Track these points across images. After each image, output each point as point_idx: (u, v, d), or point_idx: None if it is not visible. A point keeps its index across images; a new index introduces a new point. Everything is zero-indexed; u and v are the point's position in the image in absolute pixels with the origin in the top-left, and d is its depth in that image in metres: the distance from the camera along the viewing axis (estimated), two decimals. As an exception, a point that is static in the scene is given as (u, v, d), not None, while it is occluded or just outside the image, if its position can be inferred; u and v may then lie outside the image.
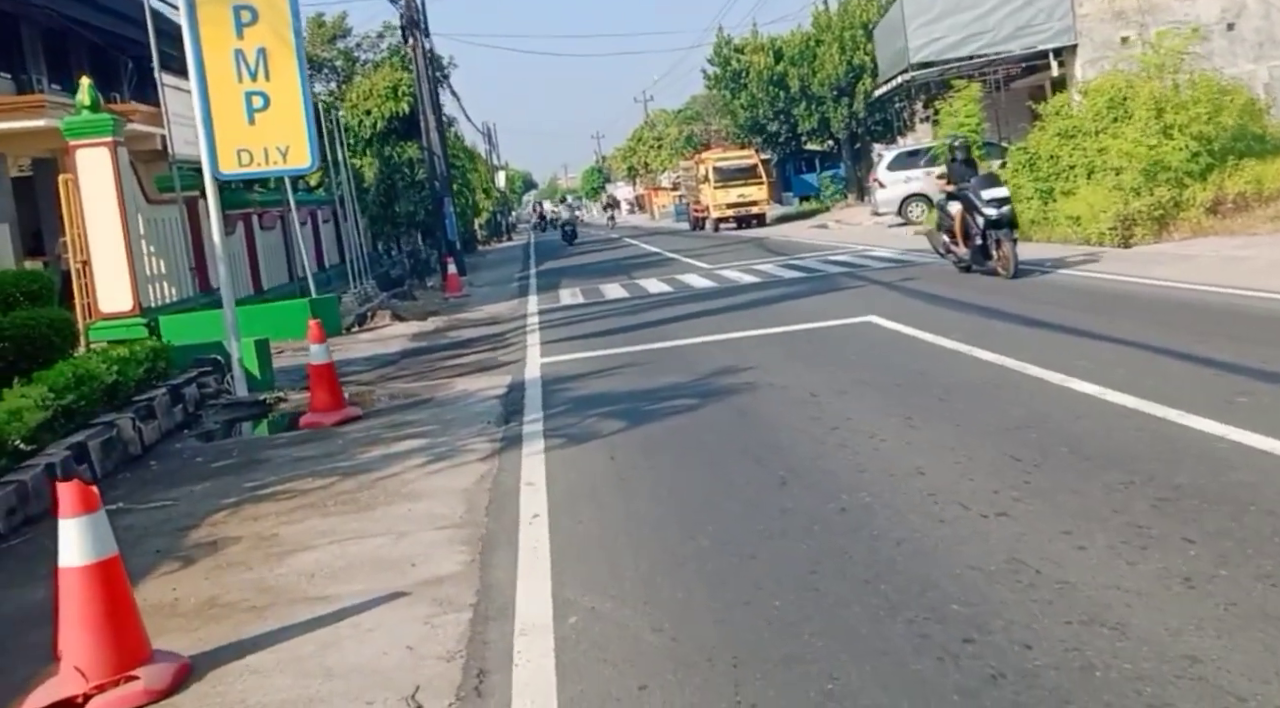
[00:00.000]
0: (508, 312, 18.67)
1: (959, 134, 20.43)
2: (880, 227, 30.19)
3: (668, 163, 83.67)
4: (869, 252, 21.46)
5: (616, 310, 16.43)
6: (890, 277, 16.31)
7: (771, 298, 15.35)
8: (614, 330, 13.88)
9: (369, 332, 17.55)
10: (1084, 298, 11.92)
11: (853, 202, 42.35)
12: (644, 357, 11.20)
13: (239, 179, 16.30)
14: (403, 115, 26.13)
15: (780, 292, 16.06)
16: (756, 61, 40.79)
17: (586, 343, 12.97)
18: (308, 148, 11.18)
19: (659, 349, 11.61)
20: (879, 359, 9.48)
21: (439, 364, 12.98)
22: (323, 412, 9.73)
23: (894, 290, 14.56)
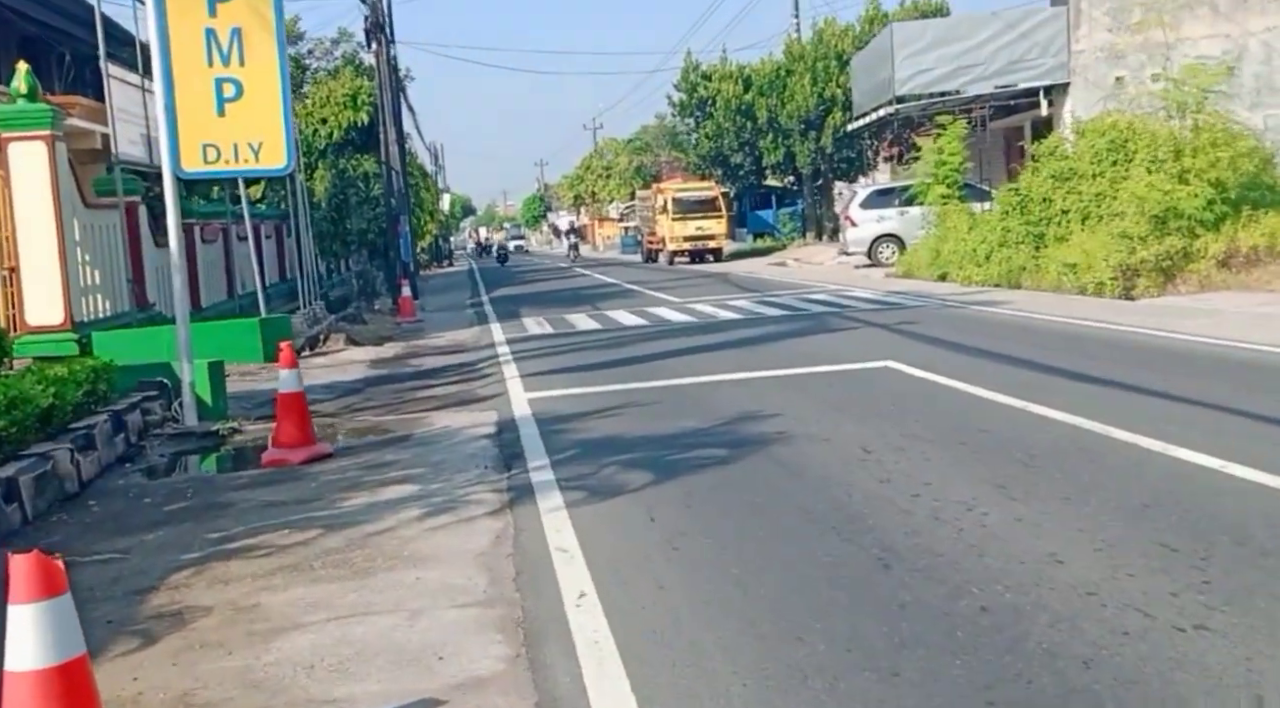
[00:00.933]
0: (471, 339, 17.57)
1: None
2: (845, 267, 29.56)
3: (616, 193, 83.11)
4: (847, 292, 20.71)
5: (594, 343, 15.42)
6: (883, 319, 15.51)
7: (764, 336, 14.45)
8: (600, 365, 12.87)
9: (322, 356, 16.35)
10: (1119, 352, 11.17)
11: (810, 240, 41.82)
12: (644, 396, 10.21)
13: (204, 178, 15.09)
14: (361, 126, 24.97)
15: (771, 330, 15.17)
16: (725, 89, 40.14)
17: (573, 377, 11.96)
18: (284, 146, 10.07)
19: (660, 388, 10.63)
20: (921, 410, 8.57)
21: (409, 395, 11.87)
22: (289, 447, 8.60)
23: (895, 333, 13.76)
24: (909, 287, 21.07)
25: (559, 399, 10.47)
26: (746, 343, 13.86)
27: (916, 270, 23.21)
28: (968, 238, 21.04)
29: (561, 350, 14.81)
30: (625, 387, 10.87)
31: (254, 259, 16.95)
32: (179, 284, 10.36)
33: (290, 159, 10.24)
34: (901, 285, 21.55)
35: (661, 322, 17.78)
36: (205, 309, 20.93)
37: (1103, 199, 17.77)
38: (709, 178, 43.26)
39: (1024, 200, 19.01)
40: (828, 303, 18.70)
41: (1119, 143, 18.02)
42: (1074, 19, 23.41)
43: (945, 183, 23.59)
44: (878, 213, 27.34)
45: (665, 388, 10.60)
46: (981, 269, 19.63)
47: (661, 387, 10.70)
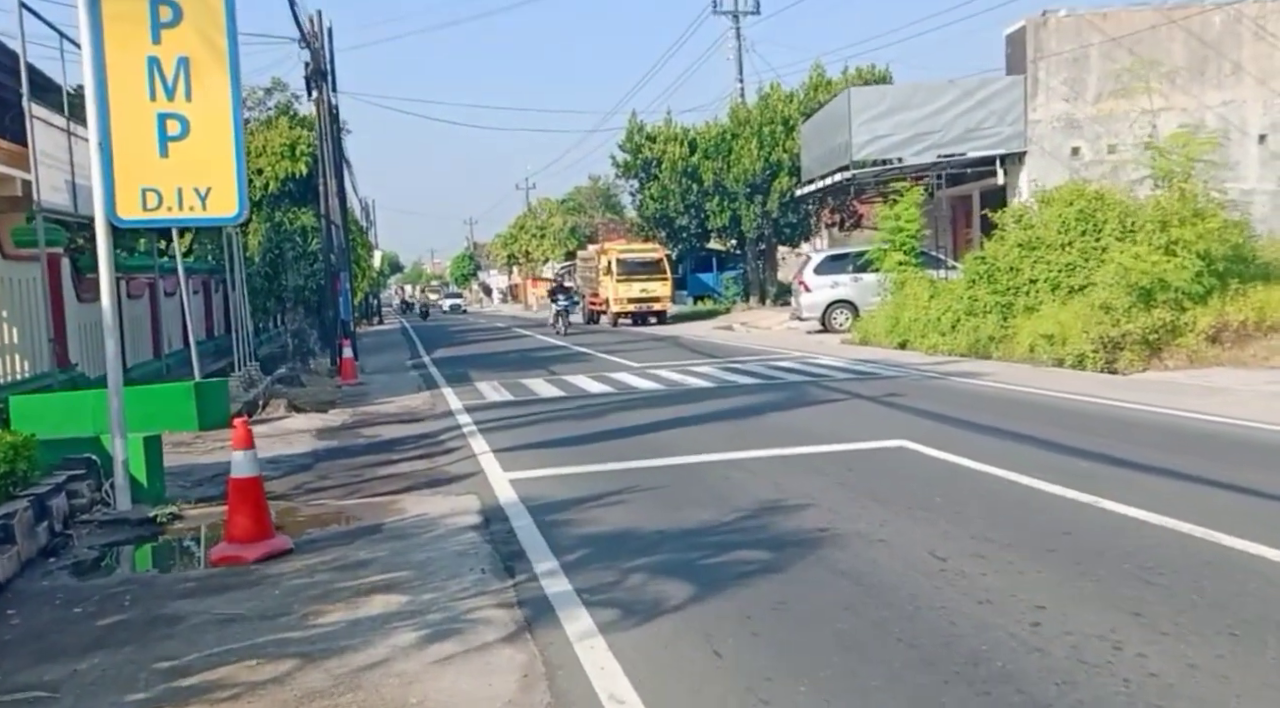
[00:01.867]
0: (424, 406, 16.27)
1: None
2: (797, 333, 28.80)
3: (551, 253, 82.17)
4: (812, 359, 19.81)
5: (565, 413, 14.24)
6: (865, 390, 14.59)
7: (748, 408, 13.39)
8: (580, 439, 11.69)
9: (263, 424, 14.92)
10: (1144, 432, 10.30)
11: (754, 304, 41.13)
12: (643, 477, 9.07)
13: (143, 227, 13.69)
14: (300, 177, 23.68)
15: (752, 401, 14.12)
16: (670, 151, 39.48)
17: (554, 454, 10.78)
18: (236, 192, 8.82)
19: (657, 468, 9.49)
20: (970, 502, 7.54)
21: (369, 473, 10.57)
22: (243, 542, 7.30)
23: (887, 407, 12.82)
24: (871, 354, 20.24)
25: (546, 481, 9.28)
26: (732, 415, 12.79)
27: (874, 338, 22.46)
28: (929, 306, 20.34)
29: (530, 421, 13.61)
30: (617, 466, 9.72)
31: (186, 316, 15.50)
32: (112, 348, 9.04)
33: (242, 207, 8.97)
34: (862, 353, 20.73)
35: (628, 389, 16.67)
36: (130, 370, 19.41)
37: (1074, 269, 17.14)
38: (652, 239, 42.48)
39: (991, 269, 18.33)
40: (798, 370, 17.76)
41: (1087, 212, 17.44)
42: (1031, 89, 23.11)
43: (903, 250, 22.98)
44: (831, 278, 26.64)
45: (663, 468, 9.47)
46: (946, 338, 18.89)
47: (658, 467, 9.56)
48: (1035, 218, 18.36)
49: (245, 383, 18.84)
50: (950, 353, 18.50)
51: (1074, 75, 22.73)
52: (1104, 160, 19.41)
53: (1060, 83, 22.79)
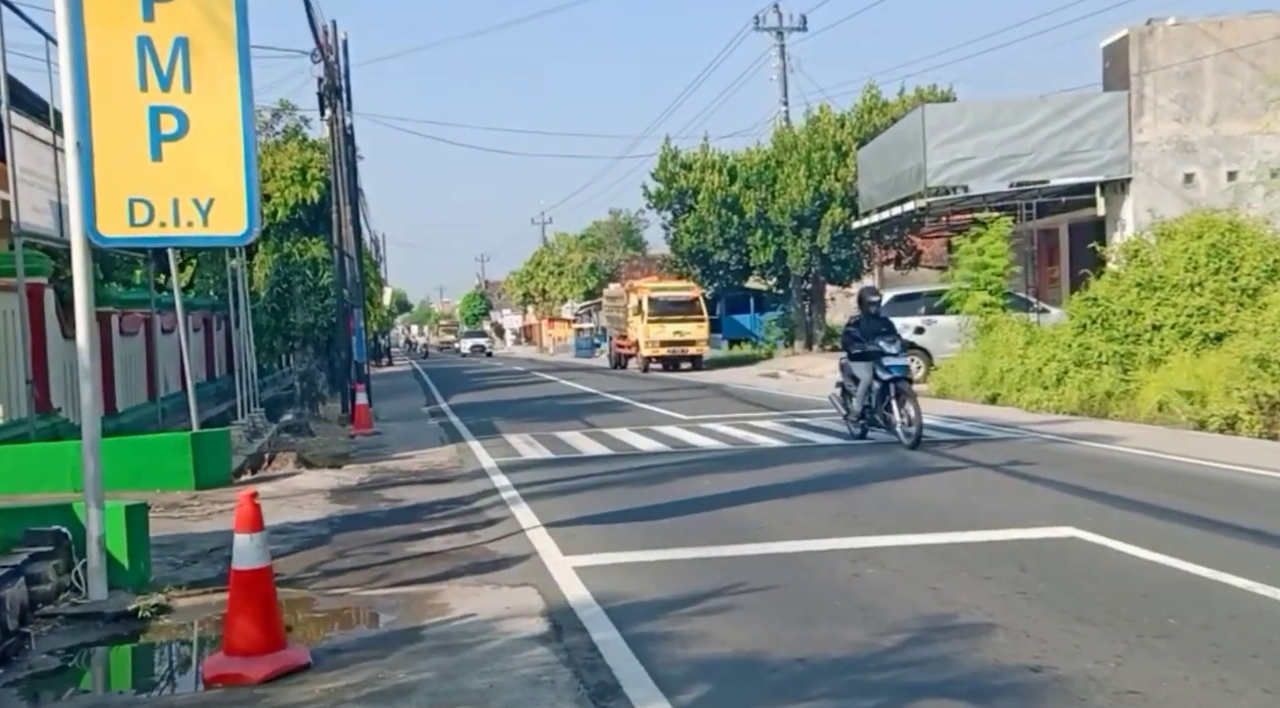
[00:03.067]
0: (450, 463, 14.86)
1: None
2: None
3: (569, 291, 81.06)
4: (892, 414, 18.28)
5: (619, 476, 12.80)
6: (978, 455, 13.12)
7: (844, 477, 11.90)
8: (647, 511, 10.25)
9: (268, 482, 13.54)
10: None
11: (799, 350, 39.67)
12: (746, 571, 7.62)
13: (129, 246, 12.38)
14: (311, 204, 22.43)
15: (845, 467, 12.65)
16: (708, 180, 38.17)
17: (620, 532, 9.35)
18: (245, 204, 7.48)
19: (761, 558, 8.05)
20: (1233, 632, 6.00)
21: (397, 550, 9.15)
22: (247, 654, 5.88)
23: (1022, 479, 11.34)
24: (956, 409, 18.73)
25: (619, 571, 7.83)
26: (827, 485, 11.30)
27: (954, 390, 20.96)
28: (1026, 354, 18.83)
29: (579, 485, 12.18)
30: (705, 553, 8.28)
31: (185, 357, 14.17)
32: (88, 395, 7.67)
33: (252, 224, 7.62)
34: (945, 408, 19.20)
35: (686, 447, 15.23)
36: (121, 415, 18.18)
37: (1207, 314, 15.65)
38: (686, 276, 41.12)
39: (1105, 312, 16.83)
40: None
41: (1221, 248, 15.98)
42: (1136, 107, 21.68)
43: (989, 289, 21.51)
44: (900, 322, 25.02)
45: (767, 559, 8.01)
46: (1051, 393, 17.37)
47: (760, 556, 8.10)
48: (1154, 254, 16.90)
49: (249, 432, 17.49)
50: (1058, 411, 16.98)
51: (1186, 92, 21.33)
52: (1223, 189, 17.94)
53: (1170, 100, 21.41)
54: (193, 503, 11.88)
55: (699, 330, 37.48)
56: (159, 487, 12.53)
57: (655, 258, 67.30)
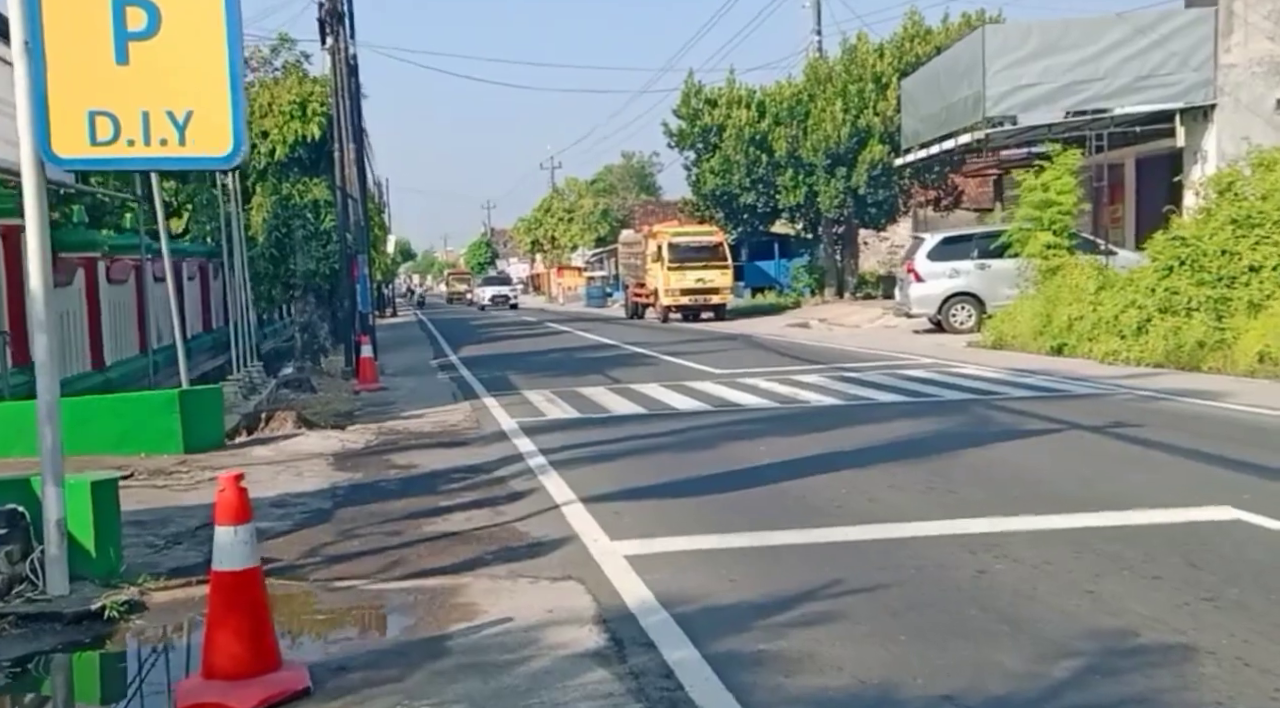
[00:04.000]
0: (466, 423, 13.78)
1: None
2: (898, 332, 26.13)
3: (580, 238, 79.71)
4: (950, 368, 17.15)
5: (658, 440, 11.68)
6: (1069, 413, 12.00)
7: (924, 441, 10.72)
8: (701, 484, 9.13)
9: (265, 444, 12.46)
10: None
11: (829, 297, 38.40)
12: (838, 562, 6.54)
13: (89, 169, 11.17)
14: (311, 141, 21.16)
15: (920, 429, 11.49)
16: (735, 116, 36.64)
17: (674, 511, 8.25)
18: (230, 120, 6.32)
19: (851, 545, 6.95)
20: None
21: (412, 529, 8.07)
22: (230, 677, 4.80)
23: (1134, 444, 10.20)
24: (1020, 361, 17.54)
25: (681, 562, 6.73)
26: (907, 451, 10.12)
27: (1013, 340, 19.76)
28: (1098, 301, 17.61)
29: (615, 451, 11.07)
30: (784, 538, 7.18)
31: (174, 307, 13.04)
32: (43, 352, 6.53)
33: (239, 142, 6.44)
34: (1007, 360, 18.03)
35: (726, 404, 14.12)
36: (110, 368, 17.13)
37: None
38: (709, 220, 39.75)
39: (1195, 253, 15.57)
40: (946, 384, 15.13)
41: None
42: (1224, 24, 20.15)
43: (1053, 229, 20.23)
44: (950, 266, 23.82)
45: (860, 547, 6.89)
46: (1131, 343, 16.16)
47: (849, 543, 6.99)
48: (1250, 187, 15.62)
49: (245, 388, 16.44)
50: (1139, 363, 15.79)
51: (1281, 7, 19.82)
52: None
53: (1264, 17, 19.88)
54: (180, 469, 10.81)
55: (722, 278, 36.23)
56: (143, 451, 11.48)
57: (671, 203, 65.97)
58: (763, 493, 8.61)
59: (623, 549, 7.02)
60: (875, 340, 23.99)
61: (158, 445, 11.50)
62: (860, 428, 11.66)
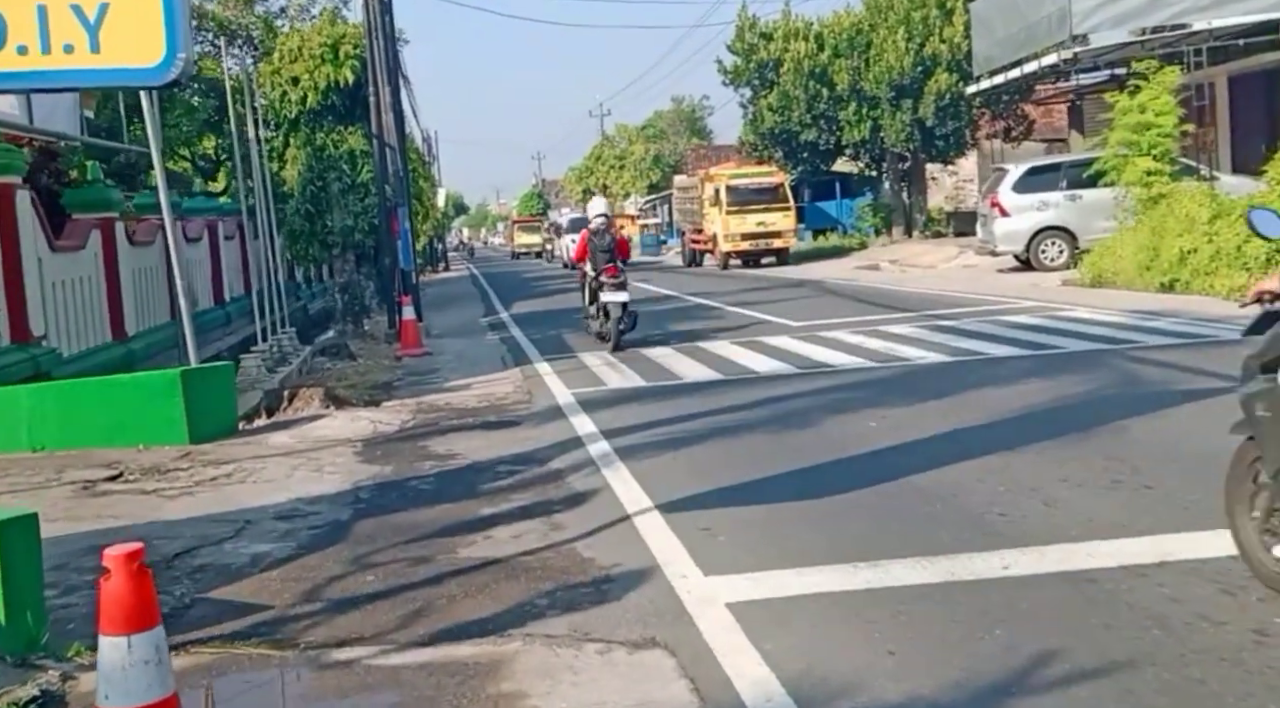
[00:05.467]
0: (516, 395, 11.87)
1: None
2: (979, 271, 23.85)
3: (632, 185, 77.39)
4: (1058, 311, 14.93)
5: (740, 414, 9.67)
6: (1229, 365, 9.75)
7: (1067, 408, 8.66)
8: (809, 478, 7.12)
9: (286, 429, 10.59)
10: None
11: (897, 237, 35.99)
12: (1041, 612, 4.56)
13: None
14: (345, 87, 19.19)
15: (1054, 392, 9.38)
16: (794, 50, 34.10)
17: (783, 525, 6.23)
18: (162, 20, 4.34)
19: (1045, 580, 4.93)
20: None
21: (442, 554, 6.16)
22: None
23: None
24: (1134, 302, 15.28)
25: (811, 616, 4.75)
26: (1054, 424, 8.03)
27: (1115, 277, 17.50)
28: (1214, 231, 15.32)
29: (692, 432, 9.06)
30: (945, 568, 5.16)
31: (176, 272, 11.15)
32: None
33: (175, 51, 4.48)
34: (1115, 299, 15.79)
35: (812, 365, 12.06)
36: (133, 339, 15.38)
37: None
38: (767, 161, 37.36)
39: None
40: (1060, 331, 12.98)
41: None
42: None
43: (1153, 154, 17.88)
44: (1037, 198, 21.41)
45: (1059, 583, 4.86)
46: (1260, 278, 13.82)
47: (1045, 577, 4.95)
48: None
49: (272, 360, 14.60)
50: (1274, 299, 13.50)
51: None
52: None
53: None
54: (179, 466, 8.98)
55: (785, 221, 33.95)
56: (141, 442, 9.70)
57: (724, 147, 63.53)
58: (894, 492, 6.58)
59: (723, 592, 5.05)
60: (958, 282, 21.74)
61: (159, 435, 9.70)
62: (985, 392, 9.58)
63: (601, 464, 7.98)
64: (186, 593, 5.75)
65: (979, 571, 5.05)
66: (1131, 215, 18.06)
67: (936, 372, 11.08)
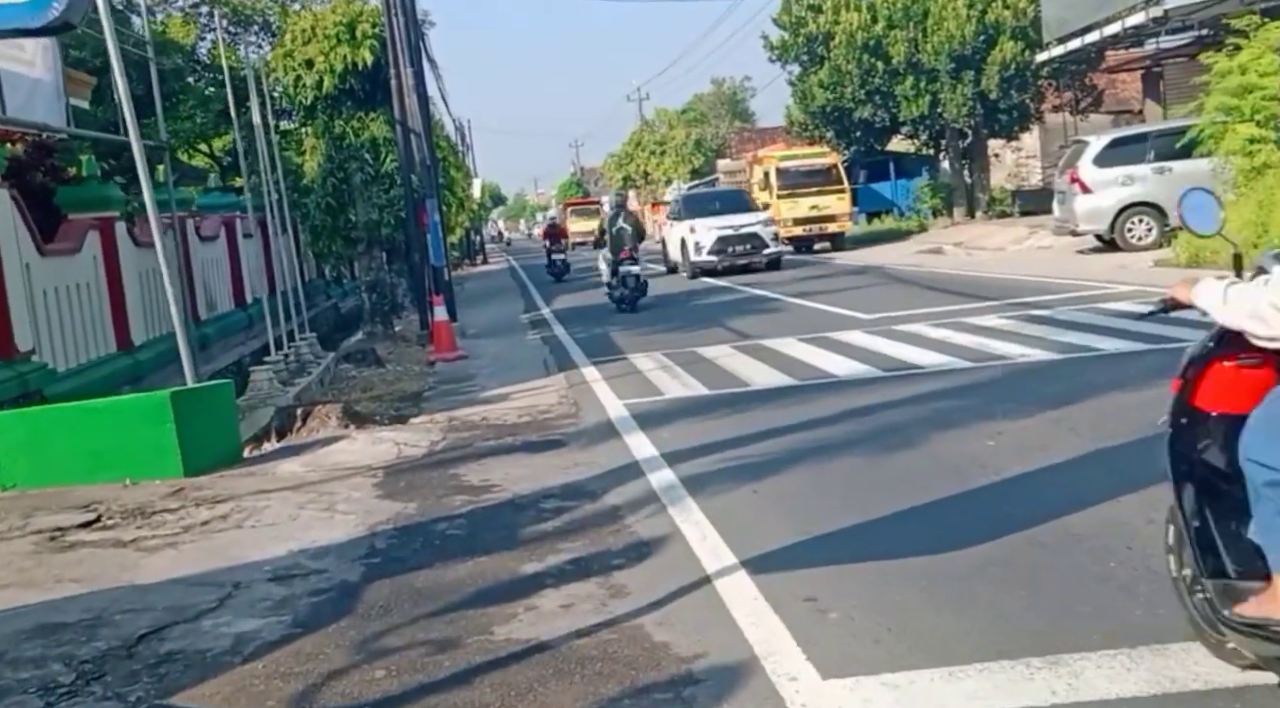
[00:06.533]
0: (560, 407, 10.61)
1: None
2: (1056, 253, 22.34)
3: (673, 171, 75.84)
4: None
5: (828, 431, 8.32)
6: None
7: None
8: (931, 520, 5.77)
9: (298, 455, 9.37)
10: None
11: (958, 218, 34.35)
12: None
13: None
14: (363, 69, 17.94)
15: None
16: (846, 21, 32.48)
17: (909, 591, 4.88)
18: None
19: None
20: None
21: (470, 634, 4.90)
22: None
23: None
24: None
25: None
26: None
27: (1215, 256, 15.89)
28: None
29: (773, 454, 7.72)
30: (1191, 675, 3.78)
31: (165, 278, 9.91)
32: None
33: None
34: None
35: (896, 365, 10.71)
36: (139, 349, 14.30)
37: None
38: (818, 141, 35.84)
39: None
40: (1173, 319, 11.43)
41: None
42: None
43: (1256, 120, 16.33)
44: (1122, 172, 19.84)
45: None
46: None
47: None
48: None
49: (288, 371, 13.42)
50: None
51: None
52: None
53: None
54: (168, 506, 7.76)
55: (840, 203, 32.52)
56: (128, 476, 8.50)
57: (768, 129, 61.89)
58: (1049, 542, 5.21)
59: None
60: (1035, 265, 20.22)
61: (148, 467, 8.50)
62: (1114, 398, 8.18)
63: (667, 501, 6.68)
64: (144, 699, 4.52)
65: (1212, 675, 3.70)
66: (1232, 188, 16.51)
67: (1045, 372, 9.70)
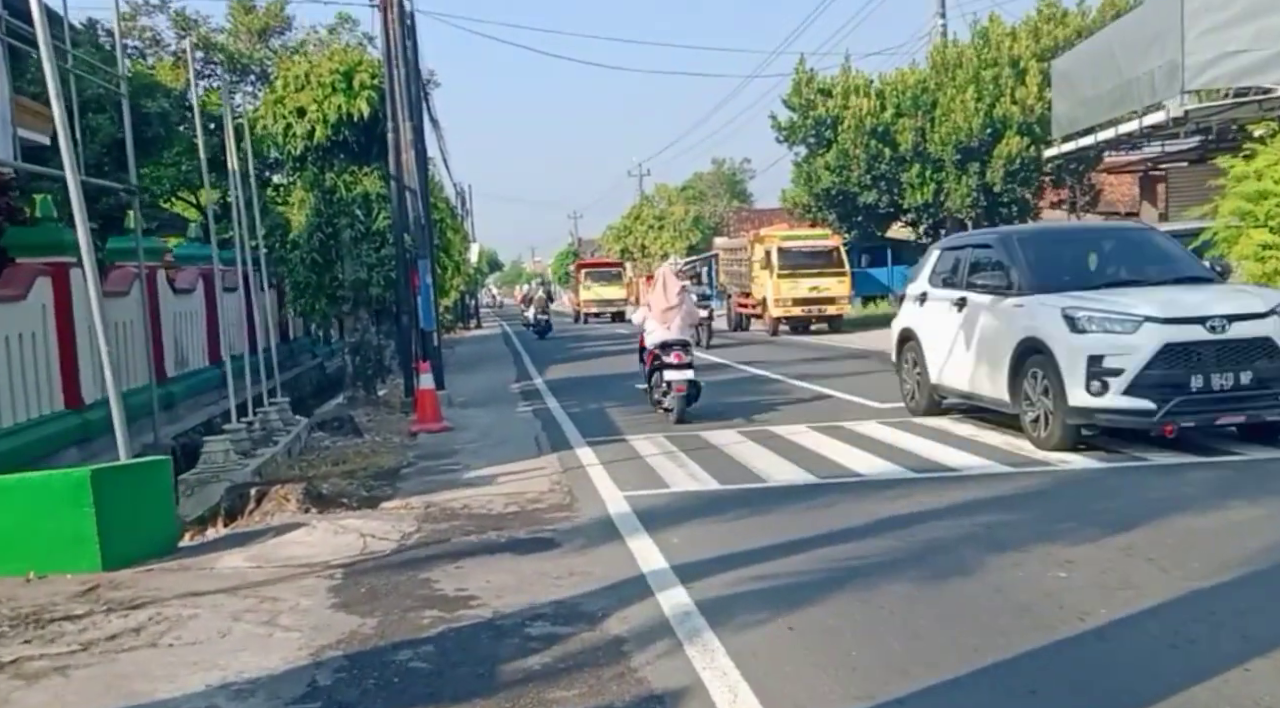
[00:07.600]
0: (552, 496, 9.26)
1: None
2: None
3: (671, 246, 75.11)
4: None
5: (865, 545, 6.97)
6: None
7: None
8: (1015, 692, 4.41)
9: (245, 545, 7.98)
10: None
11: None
12: None
13: None
14: (359, 121, 16.80)
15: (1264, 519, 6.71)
16: (855, 107, 31.61)
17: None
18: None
19: None
20: None
21: None
22: None
23: None
24: None
25: None
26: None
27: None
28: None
29: (806, 574, 6.36)
30: None
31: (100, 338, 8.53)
32: None
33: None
34: None
35: (924, 465, 9.42)
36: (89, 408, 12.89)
37: None
38: (819, 223, 34.89)
39: None
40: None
41: None
42: None
43: (1270, 227, 15.35)
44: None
45: None
46: None
47: None
48: None
49: (251, 441, 12.01)
50: None
51: None
52: None
53: None
54: (71, 612, 6.37)
55: (839, 287, 31.50)
56: (33, 569, 7.11)
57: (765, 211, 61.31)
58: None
59: None
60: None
61: (60, 559, 7.12)
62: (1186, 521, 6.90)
63: (683, 635, 5.33)
64: None
65: None
66: (1242, 292, 15.45)
67: (1097, 483, 8.41)
